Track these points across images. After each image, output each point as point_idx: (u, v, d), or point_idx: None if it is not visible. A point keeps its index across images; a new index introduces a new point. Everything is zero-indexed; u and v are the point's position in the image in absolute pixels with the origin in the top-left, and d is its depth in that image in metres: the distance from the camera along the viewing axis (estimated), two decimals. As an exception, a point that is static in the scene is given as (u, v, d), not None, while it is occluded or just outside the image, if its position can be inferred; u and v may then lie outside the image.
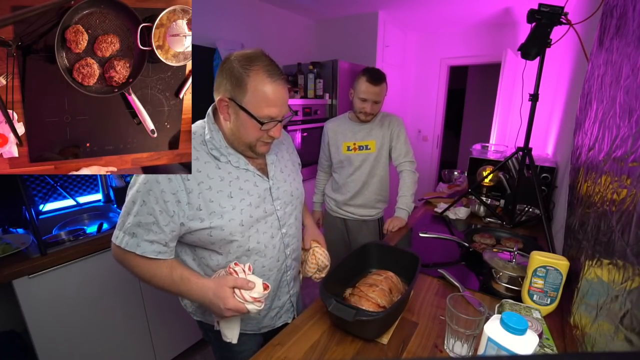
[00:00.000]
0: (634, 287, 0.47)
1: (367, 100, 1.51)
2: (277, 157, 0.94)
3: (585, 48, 1.26)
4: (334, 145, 1.69)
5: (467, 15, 3.08)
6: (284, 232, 0.92)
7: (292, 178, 0.97)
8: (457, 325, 0.70)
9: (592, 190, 0.81)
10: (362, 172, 1.66)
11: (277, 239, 0.90)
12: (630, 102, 0.63)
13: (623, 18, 0.78)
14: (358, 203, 1.71)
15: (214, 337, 0.95)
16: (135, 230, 0.74)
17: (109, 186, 1.76)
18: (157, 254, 0.75)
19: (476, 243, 1.27)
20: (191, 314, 0.97)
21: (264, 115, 0.75)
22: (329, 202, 1.83)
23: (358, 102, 1.54)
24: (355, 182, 1.68)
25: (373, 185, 1.69)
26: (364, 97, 1.51)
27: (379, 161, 1.66)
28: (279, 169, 0.93)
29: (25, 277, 1.16)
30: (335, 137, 1.67)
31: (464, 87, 5.18)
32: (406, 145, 1.65)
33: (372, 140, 1.63)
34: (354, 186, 1.68)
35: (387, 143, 1.64)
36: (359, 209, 1.73)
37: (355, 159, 1.65)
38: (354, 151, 1.65)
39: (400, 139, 1.65)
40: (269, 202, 0.87)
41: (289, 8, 2.89)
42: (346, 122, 1.68)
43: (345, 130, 1.66)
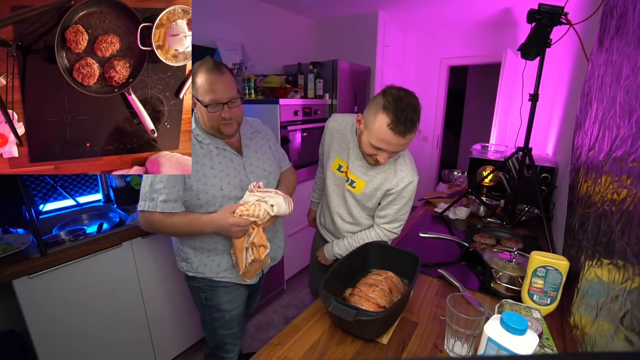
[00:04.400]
0: (634, 287, 0.47)
1: (384, 151, 1.01)
2: (250, 141, 1.16)
3: (585, 48, 1.26)
4: (326, 151, 1.26)
5: (467, 15, 3.08)
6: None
7: (265, 157, 1.18)
8: (457, 325, 0.70)
9: (592, 190, 0.81)
10: (341, 207, 1.25)
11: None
12: (630, 102, 0.63)
13: (623, 18, 0.78)
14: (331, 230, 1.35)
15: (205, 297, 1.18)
16: (153, 196, 0.98)
17: (109, 186, 1.76)
18: (172, 209, 0.98)
19: (476, 243, 1.27)
20: (187, 272, 1.16)
21: (207, 99, 0.95)
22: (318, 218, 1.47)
23: (369, 147, 1.02)
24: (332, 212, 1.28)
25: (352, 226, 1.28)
26: (382, 147, 0.99)
27: (361, 206, 1.21)
28: (252, 149, 1.15)
29: (25, 277, 1.15)
30: (332, 142, 1.22)
31: (464, 87, 5.18)
32: (399, 214, 1.17)
33: (363, 180, 1.15)
34: (331, 217, 1.31)
35: (375, 199, 1.16)
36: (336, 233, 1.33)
37: (340, 186, 1.22)
38: (342, 175, 1.20)
39: (393, 207, 1.15)
40: (243, 175, 1.09)
41: (289, 8, 2.89)
42: (350, 136, 1.18)
43: (345, 145, 1.19)
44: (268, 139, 1.25)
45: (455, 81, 4.54)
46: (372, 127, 0.98)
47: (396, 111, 0.93)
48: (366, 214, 1.23)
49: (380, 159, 1.02)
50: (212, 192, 1.03)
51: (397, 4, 2.79)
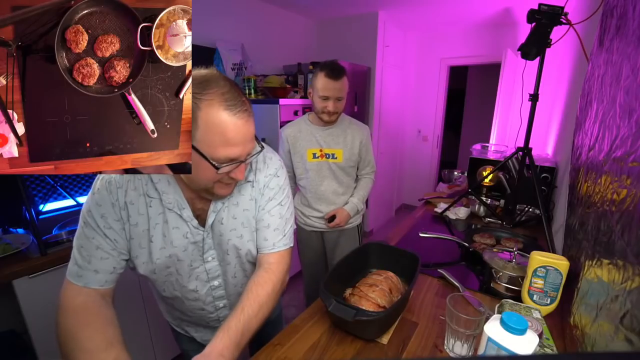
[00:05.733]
0: (634, 287, 0.47)
1: (328, 98, 1.37)
2: (224, 205, 0.74)
3: (585, 48, 1.26)
4: (296, 153, 1.50)
5: (467, 15, 3.08)
6: (216, 285, 0.81)
7: (235, 234, 0.76)
8: (457, 325, 0.70)
9: (592, 190, 0.81)
10: (332, 182, 1.53)
11: (202, 292, 0.80)
12: (630, 102, 0.63)
13: (623, 18, 0.78)
14: (323, 213, 1.57)
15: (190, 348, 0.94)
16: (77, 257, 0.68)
17: (109, 186, 1.76)
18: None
19: (476, 243, 1.27)
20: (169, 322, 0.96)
21: (220, 157, 0.61)
22: (300, 217, 1.66)
23: (319, 101, 1.39)
24: (326, 193, 1.53)
25: (346, 195, 1.57)
26: (324, 94, 1.36)
27: (347, 172, 1.54)
28: (222, 217, 0.75)
29: (25, 277, 1.16)
30: (297, 144, 1.49)
31: (464, 87, 5.18)
32: (371, 155, 1.59)
33: (339, 149, 1.48)
34: (325, 199, 1.54)
35: (355, 156, 1.52)
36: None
37: (323, 168, 1.50)
38: (321, 158, 1.48)
39: (369, 152, 1.56)
40: (196, 255, 0.75)
41: (289, 8, 2.89)
42: (307, 125, 1.50)
43: (307, 135, 1.48)
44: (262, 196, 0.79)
45: (455, 81, 4.54)
46: (316, 83, 1.37)
47: (327, 66, 1.36)
48: (348, 176, 1.56)
49: (329, 106, 1.37)
50: (144, 271, 0.74)
51: (397, 4, 2.79)
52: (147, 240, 0.71)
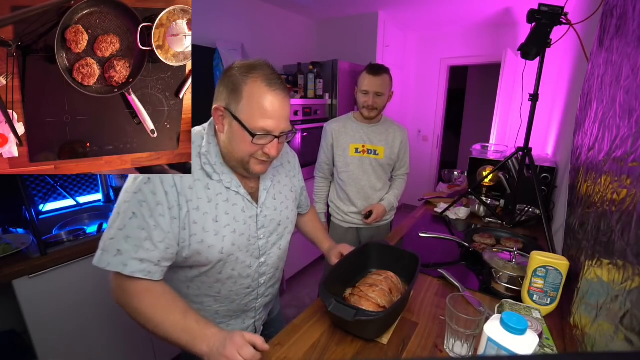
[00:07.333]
0: (634, 287, 0.47)
1: (368, 93, 1.45)
2: (272, 183, 0.87)
3: (585, 48, 1.26)
4: (339, 147, 1.57)
5: (467, 15, 3.08)
6: (262, 262, 0.87)
7: (284, 206, 0.90)
8: (457, 325, 0.70)
9: (592, 190, 0.81)
10: (372, 177, 1.58)
11: (253, 268, 0.85)
12: (630, 102, 0.63)
13: (623, 18, 0.78)
14: (361, 208, 1.62)
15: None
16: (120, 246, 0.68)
17: (109, 186, 1.76)
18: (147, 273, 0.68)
19: (476, 243, 1.27)
20: None
21: (257, 127, 0.69)
22: (337, 213, 1.69)
23: (360, 96, 1.48)
24: (365, 188, 1.59)
25: (382, 192, 1.63)
26: (365, 89, 1.44)
27: (385, 169, 1.61)
28: (272, 195, 0.86)
29: (25, 277, 1.16)
30: (340, 138, 1.56)
31: (464, 87, 5.18)
32: (408, 157, 1.67)
33: (381, 146, 1.55)
34: (364, 193, 1.60)
35: (394, 155, 1.59)
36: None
37: (364, 163, 1.56)
38: (363, 154, 1.55)
39: (406, 153, 1.65)
40: (253, 230, 0.82)
41: (289, 8, 2.89)
42: (351, 122, 1.58)
43: (351, 131, 1.56)
44: (292, 175, 0.97)
45: (455, 81, 4.54)
46: (360, 82, 1.48)
47: (371, 65, 1.47)
48: (385, 174, 1.63)
49: (369, 101, 1.45)
50: (208, 255, 0.75)
51: (397, 4, 2.79)
52: (213, 221, 0.74)
